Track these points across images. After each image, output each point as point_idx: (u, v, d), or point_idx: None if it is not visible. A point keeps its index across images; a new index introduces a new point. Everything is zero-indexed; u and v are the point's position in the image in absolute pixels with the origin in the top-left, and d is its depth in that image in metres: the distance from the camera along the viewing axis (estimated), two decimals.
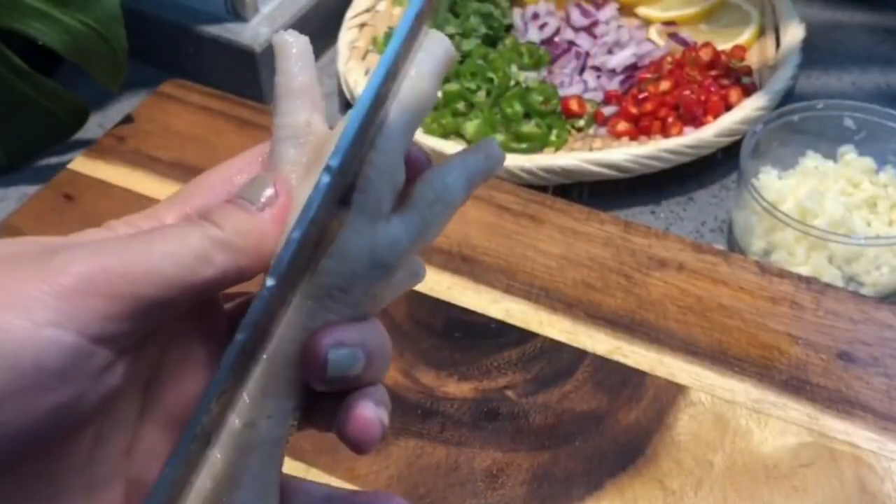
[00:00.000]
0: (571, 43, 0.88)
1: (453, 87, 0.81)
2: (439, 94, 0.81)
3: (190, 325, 0.33)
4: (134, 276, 0.29)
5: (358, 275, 0.32)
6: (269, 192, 0.32)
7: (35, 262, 0.29)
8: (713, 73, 0.82)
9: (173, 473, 0.30)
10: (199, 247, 0.30)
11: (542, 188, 0.72)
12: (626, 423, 0.55)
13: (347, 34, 0.87)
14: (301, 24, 0.87)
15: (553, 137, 0.78)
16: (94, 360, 0.29)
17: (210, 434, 0.31)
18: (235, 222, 0.31)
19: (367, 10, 0.90)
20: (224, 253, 0.31)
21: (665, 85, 0.81)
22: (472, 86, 0.81)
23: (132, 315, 0.29)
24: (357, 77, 0.82)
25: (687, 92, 0.79)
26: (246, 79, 0.84)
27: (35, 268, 0.28)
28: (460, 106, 0.80)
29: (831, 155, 0.74)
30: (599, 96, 0.83)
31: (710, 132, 0.75)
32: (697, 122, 0.78)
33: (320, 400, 0.33)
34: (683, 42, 0.86)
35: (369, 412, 0.32)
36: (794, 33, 0.83)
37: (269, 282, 0.30)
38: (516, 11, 0.91)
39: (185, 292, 0.30)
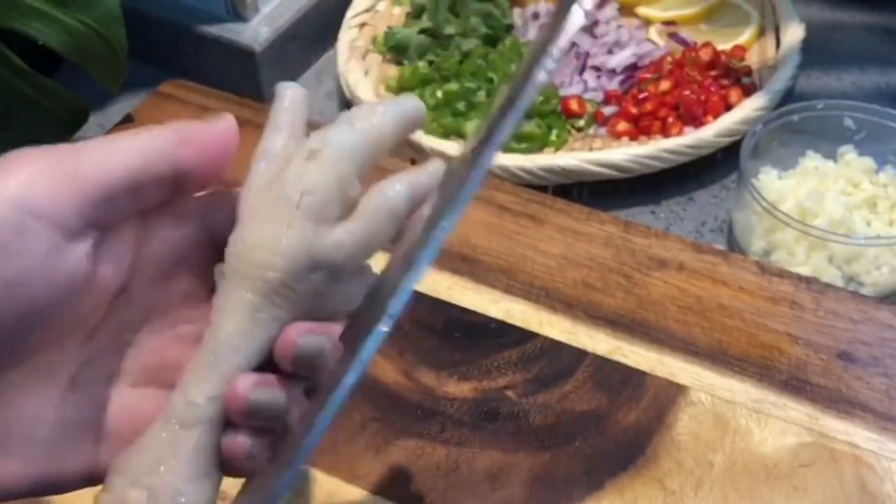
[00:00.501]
0: (571, 43, 0.88)
1: (453, 87, 0.81)
2: (439, 95, 0.81)
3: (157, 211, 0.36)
4: (106, 165, 0.32)
5: (299, 272, 0.34)
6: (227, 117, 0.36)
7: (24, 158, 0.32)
8: (713, 73, 0.82)
9: None
10: (166, 136, 0.34)
11: (542, 188, 0.72)
12: (626, 423, 0.55)
13: (347, 34, 0.87)
14: (301, 24, 0.87)
15: (553, 137, 0.78)
16: (40, 239, 0.31)
17: None
18: (200, 124, 0.36)
19: (367, 10, 0.90)
20: (189, 148, 0.34)
21: (665, 85, 0.81)
22: (472, 86, 0.81)
23: (107, 201, 0.32)
24: (357, 77, 0.82)
25: (687, 92, 0.79)
26: (246, 79, 0.84)
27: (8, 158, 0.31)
28: (460, 106, 0.80)
29: (831, 155, 0.73)
30: (599, 96, 0.83)
31: (710, 132, 0.75)
32: (697, 122, 0.78)
33: None
34: (683, 42, 0.86)
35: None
36: (793, 33, 0.83)
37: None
38: (516, 11, 0.91)
39: (152, 181, 0.34)
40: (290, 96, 0.38)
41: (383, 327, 0.33)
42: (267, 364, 0.35)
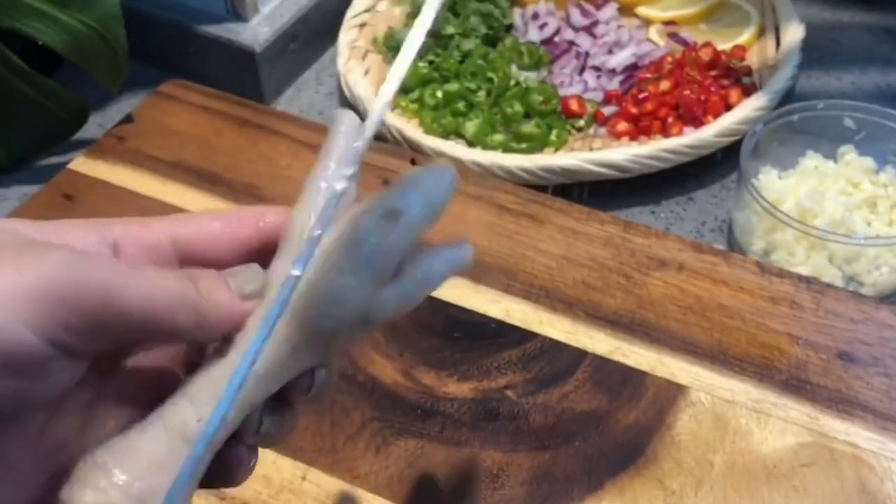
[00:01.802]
0: (571, 43, 0.88)
1: (453, 87, 0.81)
2: (439, 95, 0.81)
3: None
4: (102, 300, 0.30)
5: (350, 327, 0.34)
6: (255, 287, 0.34)
7: (17, 253, 0.29)
8: (713, 73, 0.82)
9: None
10: (170, 299, 0.31)
11: (542, 188, 0.72)
12: (626, 423, 0.55)
13: (347, 34, 0.87)
14: (301, 24, 0.87)
15: (553, 137, 0.78)
16: (46, 362, 0.29)
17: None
18: (214, 297, 0.33)
19: (368, 10, 0.90)
20: (189, 316, 0.32)
21: (665, 85, 0.81)
22: (472, 86, 0.81)
23: (90, 335, 0.30)
24: (357, 77, 0.82)
25: (687, 92, 0.79)
26: (246, 79, 0.84)
27: (15, 259, 0.29)
28: (460, 106, 0.80)
29: (831, 155, 0.74)
30: (599, 96, 0.83)
31: (710, 132, 0.75)
32: (697, 122, 0.78)
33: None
34: (683, 42, 0.86)
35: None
36: (793, 33, 0.83)
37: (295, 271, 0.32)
38: (516, 11, 0.91)
39: (141, 332, 0.31)
40: (346, 123, 0.37)
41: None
42: None
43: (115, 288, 0.30)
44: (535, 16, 0.90)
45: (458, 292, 0.62)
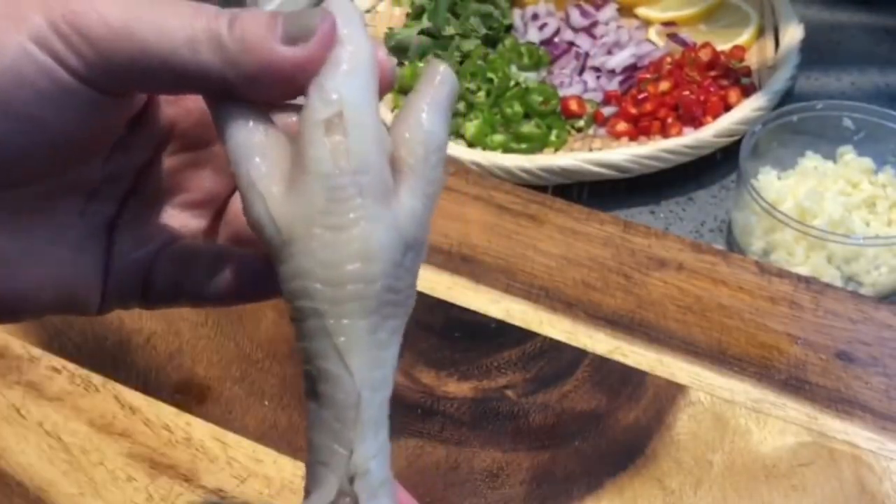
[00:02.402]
0: (571, 43, 0.88)
1: None
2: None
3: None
4: (117, 32, 0.28)
5: (399, 264, 0.29)
6: (310, 29, 0.29)
7: None
8: (712, 73, 0.82)
9: None
10: (195, 34, 0.29)
11: (541, 188, 0.72)
12: (626, 422, 0.55)
13: None
14: None
15: (553, 138, 0.79)
16: (57, 85, 0.29)
17: None
18: (248, 36, 0.29)
19: (368, 11, 0.90)
20: (214, 54, 0.29)
21: (664, 85, 0.81)
22: (472, 86, 0.81)
23: (104, 67, 0.29)
24: None
25: (686, 92, 0.79)
26: None
27: None
28: (460, 106, 0.80)
29: (830, 155, 0.74)
30: (599, 97, 0.83)
31: (710, 132, 0.75)
32: (697, 123, 0.78)
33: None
34: (683, 42, 0.86)
35: None
36: (793, 34, 0.83)
37: None
38: (516, 12, 0.91)
39: (160, 69, 0.29)
40: None
41: None
42: None
43: (133, 19, 0.28)
44: (535, 16, 0.90)
45: (458, 292, 0.62)
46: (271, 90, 0.29)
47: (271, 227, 0.29)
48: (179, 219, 0.35)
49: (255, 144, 0.29)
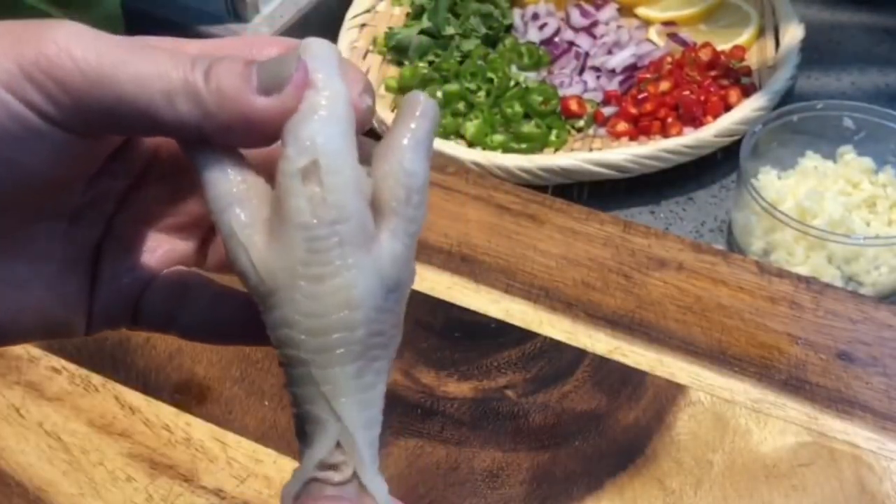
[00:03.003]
0: (571, 43, 0.88)
1: (453, 87, 0.81)
2: (439, 95, 0.81)
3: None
4: (91, 78, 0.28)
5: (381, 309, 0.29)
6: (284, 78, 0.28)
7: (30, 26, 0.29)
8: (713, 73, 0.82)
9: None
10: (171, 86, 0.28)
11: (541, 188, 0.72)
12: (626, 422, 0.55)
13: (347, 34, 0.87)
14: (301, 25, 0.87)
15: (553, 138, 0.79)
16: (27, 128, 0.28)
17: None
18: (224, 88, 0.29)
19: (368, 11, 0.90)
20: (190, 106, 0.29)
21: (665, 85, 0.81)
22: (472, 86, 0.81)
23: (77, 112, 0.28)
24: None
25: (686, 92, 0.79)
26: None
27: (23, 31, 0.29)
28: (460, 106, 0.80)
29: (831, 155, 0.74)
30: (599, 96, 0.83)
31: (710, 132, 0.75)
32: (697, 123, 0.78)
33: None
34: (683, 42, 0.86)
35: None
36: (793, 34, 0.83)
37: None
38: (516, 12, 0.91)
39: (141, 118, 0.29)
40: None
41: None
42: None
43: (108, 67, 0.28)
44: (535, 16, 0.90)
45: (458, 292, 0.62)
46: (247, 139, 0.29)
47: (254, 276, 0.29)
48: (167, 243, 0.35)
49: (234, 194, 0.29)
